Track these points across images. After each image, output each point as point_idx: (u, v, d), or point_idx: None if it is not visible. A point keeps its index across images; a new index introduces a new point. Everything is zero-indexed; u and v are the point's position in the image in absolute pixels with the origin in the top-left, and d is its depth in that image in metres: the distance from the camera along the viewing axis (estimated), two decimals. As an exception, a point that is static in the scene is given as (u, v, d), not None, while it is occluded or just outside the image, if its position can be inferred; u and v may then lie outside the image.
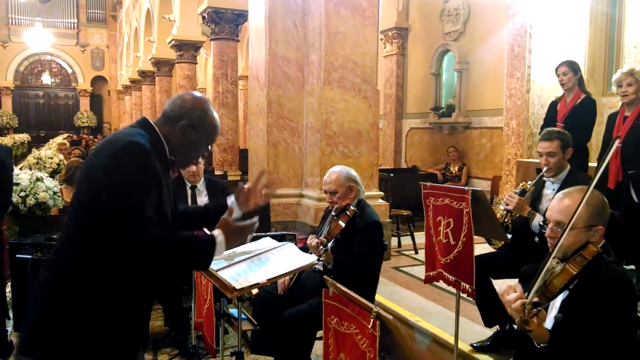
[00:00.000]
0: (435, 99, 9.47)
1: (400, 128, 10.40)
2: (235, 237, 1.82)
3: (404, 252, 5.84)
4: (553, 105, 4.60)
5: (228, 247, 1.80)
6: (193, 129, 1.81)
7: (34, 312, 1.68)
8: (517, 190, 3.15)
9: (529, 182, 3.20)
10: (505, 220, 3.22)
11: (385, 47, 10.34)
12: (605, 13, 6.42)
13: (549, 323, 1.90)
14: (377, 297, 3.97)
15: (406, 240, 6.10)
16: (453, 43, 8.83)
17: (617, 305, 1.75)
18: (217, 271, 1.99)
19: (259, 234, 3.79)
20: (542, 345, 1.75)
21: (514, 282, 3.33)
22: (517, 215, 3.17)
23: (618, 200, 3.78)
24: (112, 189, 1.60)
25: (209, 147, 1.94)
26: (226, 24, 9.59)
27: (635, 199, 3.71)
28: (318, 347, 3.12)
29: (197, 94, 1.91)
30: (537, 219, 3.01)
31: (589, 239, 1.90)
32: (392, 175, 7.29)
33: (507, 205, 3.12)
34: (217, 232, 1.77)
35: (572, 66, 4.37)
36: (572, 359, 1.74)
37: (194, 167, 4.03)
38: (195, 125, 1.81)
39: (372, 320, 1.60)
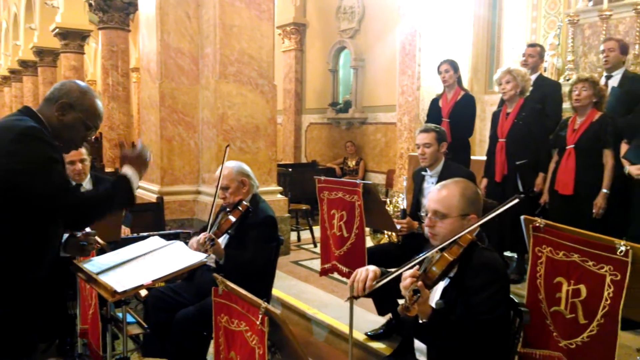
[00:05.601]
0: (333, 95, 9.64)
1: (299, 123, 10.48)
2: (140, 162, 2.00)
3: (303, 246, 5.89)
4: (435, 102, 4.90)
5: (139, 174, 1.99)
6: (71, 107, 1.88)
7: None
8: (398, 215, 3.31)
9: (399, 199, 3.41)
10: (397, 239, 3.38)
11: (283, 43, 10.36)
12: (487, 18, 6.91)
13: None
14: (276, 292, 3.97)
15: (305, 235, 6.17)
16: (349, 40, 9.02)
17: (490, 291, 1.86)
18: (97, 274, 1.87)
19: (148, 233, 3.64)
20: (424, 320, 1.83)
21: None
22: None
23: (505, 191, 4.01)
24: (27, 172, 1.68)
25: (91, 131, 1.97)
26: (115, 13, 9.11)
27: (521, 189, 3.97)
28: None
29: (81, 82, 1.99)
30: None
31: (463, 227, 2.01)
32: (290, 170, 7.31)
33: (401, 232, 3.26)
34: (124, 169, 1.96)
35: (453, 64, 4.66)
36: (449, 341, 1.84)
37: (79, 165, 3.75)
38: (73, 103, 1.88)
39: (260, 316, 1.58)
